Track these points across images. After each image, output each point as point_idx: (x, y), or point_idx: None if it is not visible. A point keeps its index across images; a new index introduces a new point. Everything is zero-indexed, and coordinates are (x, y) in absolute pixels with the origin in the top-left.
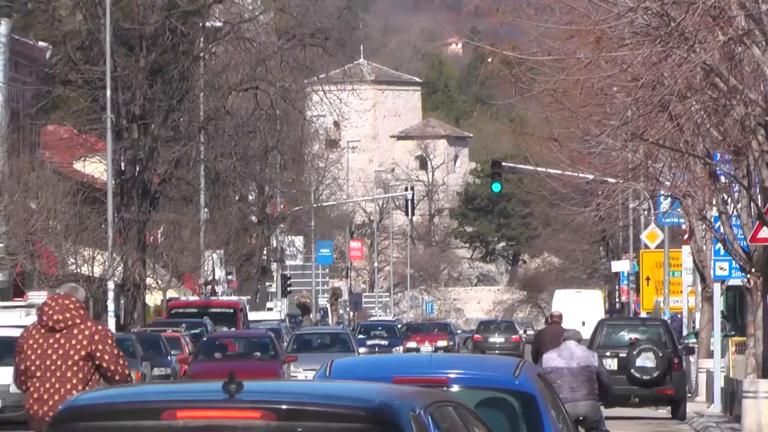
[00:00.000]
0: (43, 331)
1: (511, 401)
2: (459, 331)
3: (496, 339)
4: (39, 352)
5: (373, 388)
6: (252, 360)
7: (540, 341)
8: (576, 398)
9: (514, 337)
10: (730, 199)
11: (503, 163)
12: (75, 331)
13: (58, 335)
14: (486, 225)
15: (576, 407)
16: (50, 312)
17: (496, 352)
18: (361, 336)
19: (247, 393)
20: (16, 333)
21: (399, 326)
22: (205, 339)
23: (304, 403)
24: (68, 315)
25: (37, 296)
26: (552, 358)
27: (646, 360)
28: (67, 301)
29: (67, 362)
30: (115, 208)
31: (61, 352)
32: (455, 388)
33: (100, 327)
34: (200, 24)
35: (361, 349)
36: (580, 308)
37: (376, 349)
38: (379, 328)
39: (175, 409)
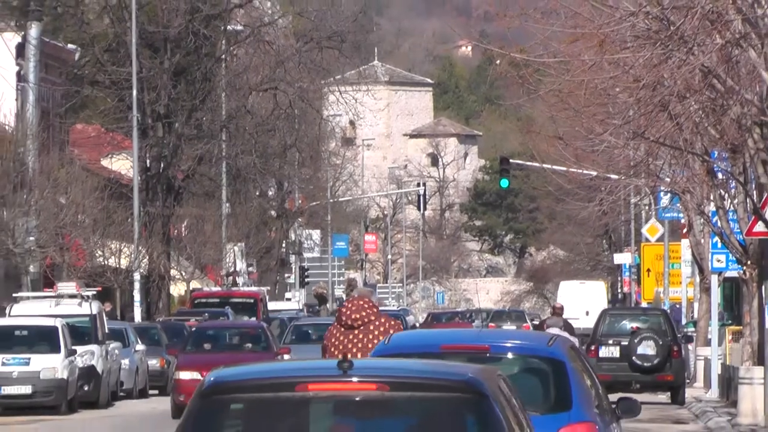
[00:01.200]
0: (342, 329)
1: (544, 366)
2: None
3: (509, 327)
4: (341, 347)
5: (458, 366)
6: (243, 352)
7: (540, 328)
8: None
9: (524, 325)
10: (727, 195)
11: (511, 160)
12: (371, 327)
13: (356, 331)
14: (494, 219)
15: None
16: (348, 312)
17: None
18: None
19: (358, 369)
20: (47, 322)
21: (407, 316)
22: (194, 330)
23: (411, 376)
24: (363, 314)
25: (66, 287)
26: None
27: (647, 348)
28: (362, 302)
29: (366, 354)
30: (140, 203)
31: (360, 345)
32: (497, 355)
33: (393, 322)
34: (222, 27)
35: None
36: (584, 299)
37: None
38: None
39: (306, 383)
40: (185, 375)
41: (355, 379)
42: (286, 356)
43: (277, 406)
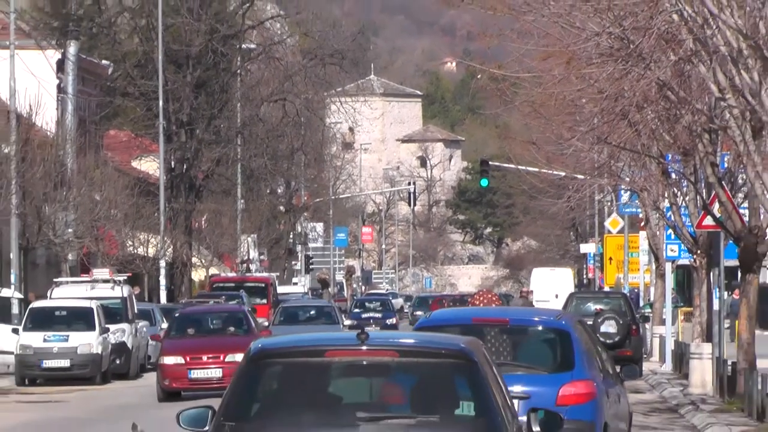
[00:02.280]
0: None
1: (553, 335)
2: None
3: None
4: None
5: (451, 338)
6: (225, 335)
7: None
8: None
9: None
10: (679, 193)
11: (490, 162)
12: None
13: None
14: (475, 214)
15: None
16: (480, 304)
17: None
18: (356, 310)
19: (374, 339)
20: (84, 303)
21: (394, 299)
22: (177, 315)
23: (416, 345)
24: (493, 305)
25: (101, 273)
26: None
27: (609, 327)
28: (489, 295)
29: None
30: (166, 199)
31: None
32: (515, 326)
33: None
34: (237, 46)
35: (349, 322)
36: (553, 283)
37: (371, 321)
38: (374, 301)
39: (334, 350)
40: (169, 360)
41: (369, 348)
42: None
43: (308, 368)
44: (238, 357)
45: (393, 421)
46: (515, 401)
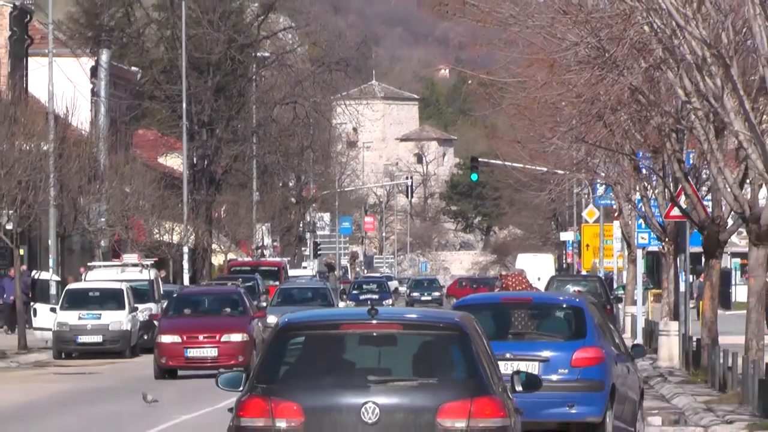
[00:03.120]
0: None
1: (569, 311)
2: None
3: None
4: None
5: (448, 313)
6: (221, 316)
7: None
8: None
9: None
10: (649, 186)
11: (480, 159)
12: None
13: None
14: (466, 205)
15: None
16: (513, 283)
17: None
18: (354, 291)
19: (382, 315)
20: (115, 285)
21: (390, 281)
22: (175, 296)
23: (417, 319)
24: (522, 287)
25: (130, 258)
26: None
27: None
28: (520, 277)
29: None
30: (188, 192)
31: None
32: (536, 303)
33: (532, 288)
34: (253, 54)
35: (344, 304)
36: (536, 268)
37: (368, 302)
38: (371, 283)
39: (348, 324)
40: (166, 339)
41: (378, 322)
42: (274, 316)
43: (326, 338)
44: (234, 337)
45: (398, 383)
46: (537, 363)
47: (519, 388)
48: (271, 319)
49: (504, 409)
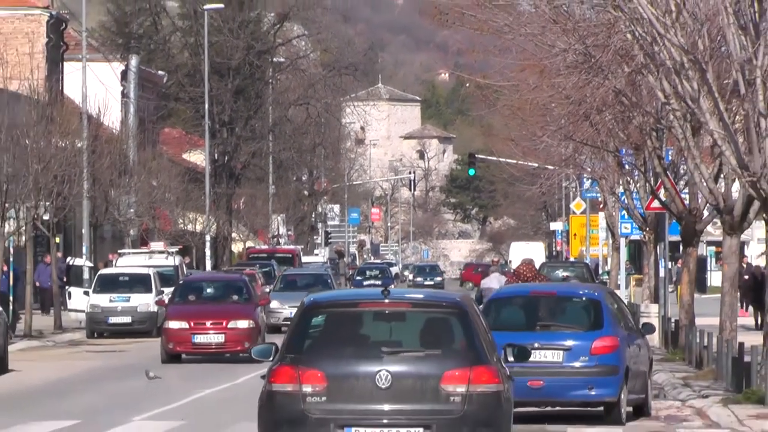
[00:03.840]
0: (519, 281)
1: (588, 303)
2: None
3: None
4: None
5: (450, 293)
6: (227, 303)
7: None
8: None
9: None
10: (631, 181)
11: (477, 155)
12: (534, 281)
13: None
14: (464, 197)
15: None
16: (525, 272)
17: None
18: (358, 277)
19: (393, 295)
20: (143, 270)
21: (391, 267)
22: (181, 282)
23: (424, 299)
24: (531, 274)
25: (157, 245)
26: (485, 282)
27: None
28: (531, 266)
29: None
30: (210, 185)
31: None
32: (559, 297)
33: (540, 277)
34: (269, 59)
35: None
36: (528, 255)
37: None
38: (374, 269)
39: (364, 302)
40: (174, 324)
41: (390, 301)
42: (275, 307)
43: (346, 315)
44: (240, 324)
45: (407, 354)
46: (561, 351)
47: (511, 358)
48: (274, 305)
49: (498, 376)
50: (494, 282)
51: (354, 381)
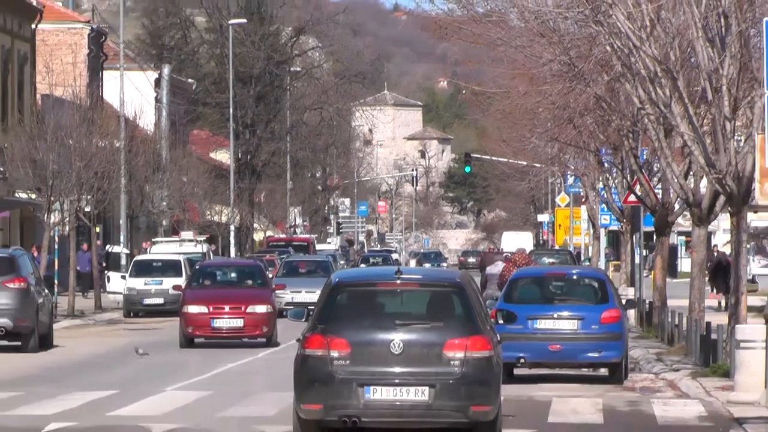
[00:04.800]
0: (515, 268)
1: (594, 282)
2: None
3: (471, 260)
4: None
5: (451, 273)
6: (243, 288)
7: (483, 261)
8: (494, 288)
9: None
10: (610, 177)
11: (472, 155)
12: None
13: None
14: (461, 192)
15: (495, 291)
16: (520, 260)
17: (470, 267)
18: (362, 264)
19: (404, 276)
20: (174, 257)
21: (392, 253)
22: (198, 267)
23: (429, 278)
24: (525, 261)
25: (187, 234)
26: (490, 269)
27: None
28: (525, 255)
29: None
30: (234, 181)
31: None
32: (569, 276)
33: (532, 264)
34: (287, 69)
35: None
36: (518, 243)
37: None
38: (377, 257)
39: (381, 282)
40: (193, 309)
41: (402, 281)
42: (279, 291)
43: (366, 292)
44: (258, 309)
45: (416, 325)
46: (576, 321)
47: (501, 321)
48: (278, 291)
49: (490, 344)
50: (498, 269)
51: (372, 348)
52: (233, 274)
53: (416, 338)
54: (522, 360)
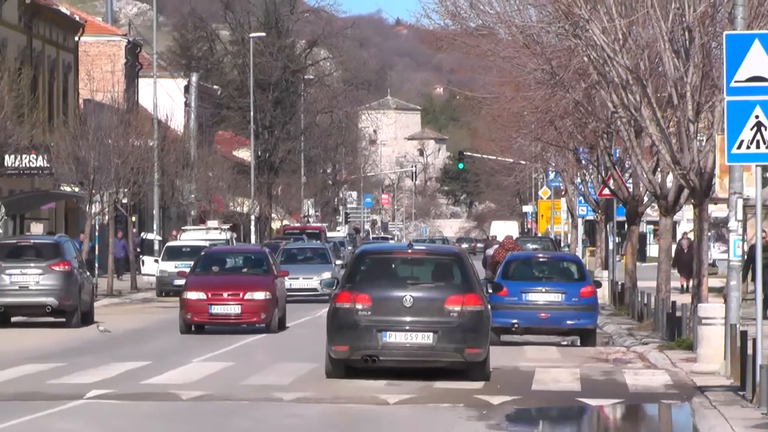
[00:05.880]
0: (506, 252)
1: (572, 264)
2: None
3: (464, 246)
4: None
5: (452, 247)
6: (246, 274)
7: (486, 246)
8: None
9: (472, 244)
10: (587, 173)
11: (465, 153)
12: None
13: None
14: (455, 185)
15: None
16: (510, 245)
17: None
18: None
19: (414, 248)
20: (201, 243)
21: (390, 239)
22: (203, 254)
23: (433, 249)
24: (512, 245)
25: (212, 223)
26: (488, 251)
27: None
28: (514, 241)
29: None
30: (255, 176)
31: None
32: (553, 259)
33: (518, 248)
34: (302, 77)
35: (340, 261)
36: (506, 231)
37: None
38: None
39: (396, 252)
40: (192, 295)
41: (412, 252)
42: (285, 278)
43: (384, 260)
44: (257, 295)
45: (423, 285)
46: (560, 294)
47: (490, 291)
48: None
49: (482, 300)
50: (492, 251)
51: (389, 302)
52: (237, 261)
53: (423, 295)
54: (515, 325)
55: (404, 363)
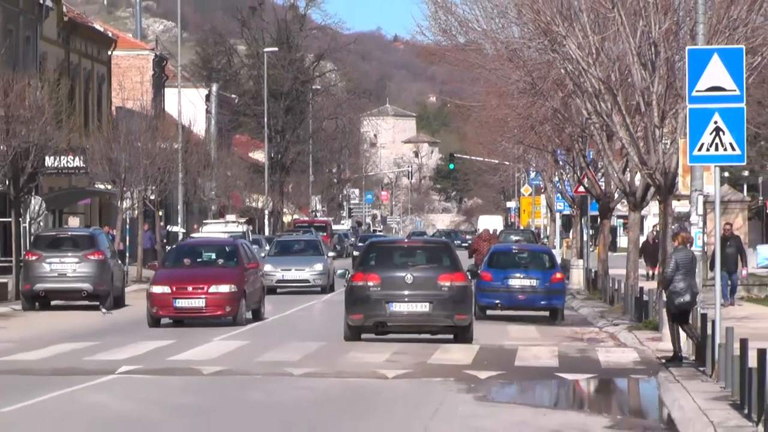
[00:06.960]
0: (485, 243)
1: (546, 254)
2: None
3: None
4: (484, 249)
5: (442, 239)
6: (215, 267)
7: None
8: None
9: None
10: (564, 172)
11: (455, 155)
12: (495, 242)
13: (491, 243)
14: (447, 183)
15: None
16: (489, 237)
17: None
18: (360, 243)
19: (412, 238)
20: (221, 236)
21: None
22: (174, 247)
23: (430, 239)
24: (493, 237)
25: (230, 217)
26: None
27: None
28: (492, 234)
29: (490, 247)
30: (268, 175)
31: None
32: (530, 251)
33: (497, 241)
34: (310, 87)
35: (332, 253)
36: (491, 224)
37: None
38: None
39: (399, 242)
40: (157, 289)
41: (410, 242)
42: (268, 269)
43: (389, 248)
44: (222, 288)
45: (420, 266)
46: (535, 279)
47: (469, 277)
48: (268, 268)
49: (467, 279)
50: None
51: (394, 279)
52: (207, 254)
53: (421, 274)
54: (498, 304)
55: (406, 328)
